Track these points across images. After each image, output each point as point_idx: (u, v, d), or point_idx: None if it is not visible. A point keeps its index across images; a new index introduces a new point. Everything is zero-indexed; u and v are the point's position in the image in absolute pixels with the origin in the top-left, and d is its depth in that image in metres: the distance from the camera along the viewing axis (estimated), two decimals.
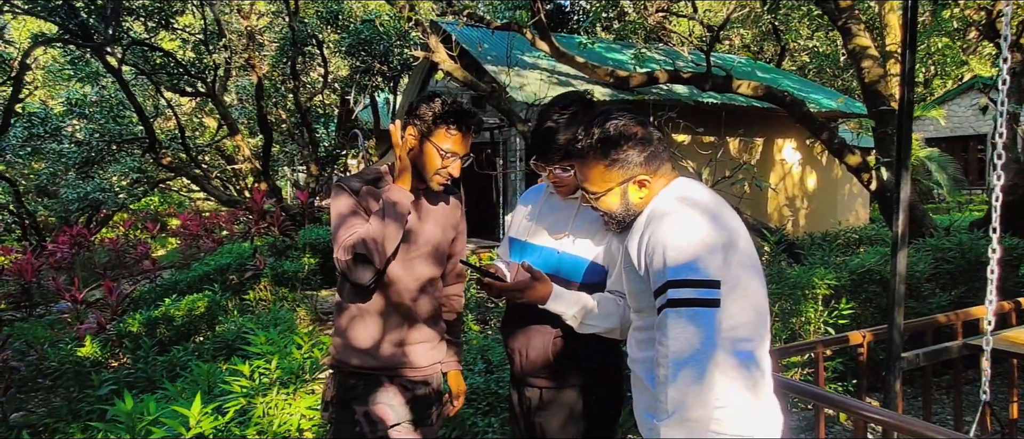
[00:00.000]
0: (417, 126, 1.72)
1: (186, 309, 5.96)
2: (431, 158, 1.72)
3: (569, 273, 1.66)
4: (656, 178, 1.44)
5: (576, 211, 1.70)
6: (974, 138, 18.57)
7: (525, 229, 1.80)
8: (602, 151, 1.42)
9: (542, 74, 8.79)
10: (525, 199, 1.88)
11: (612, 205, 1.45)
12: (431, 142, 1.71)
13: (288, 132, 14.42)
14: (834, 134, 6.64)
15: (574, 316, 1.59)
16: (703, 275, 1.26)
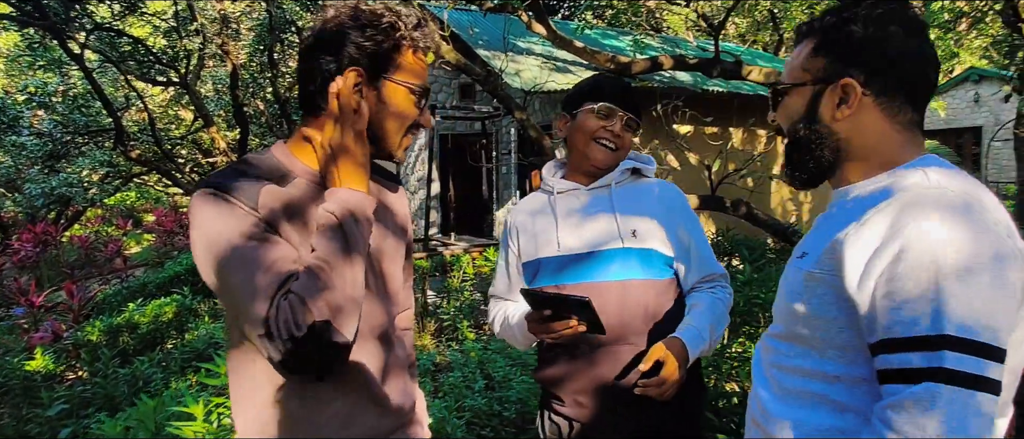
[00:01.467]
0: (357, 65, 1.01)
1: (152, 315, 5.51)
2: (397, 107, 1.05)
3: (645, 270, 1.40)
4: (875, 109, 0.92)
5: (613, 200, 1.45)
6: (969, 130, 18.47)
7: (549, 243, 1.45)
8: (821, 28, 0.96)
9: (538, 59, 8.32)
10: (521, 218, 1.53)
11: (792, 113, 0.98)
12: (391, 81, 1.04)
13: (267, 124, 13.81)
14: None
15: (707, 349, 1.36)
16: (996, 342, 0.77)
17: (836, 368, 0.89)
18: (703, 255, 1.44)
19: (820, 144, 0.96)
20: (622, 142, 1.43)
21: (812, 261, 0.93)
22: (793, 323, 0.95)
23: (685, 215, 1.46)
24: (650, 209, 1.42)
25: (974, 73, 17.72)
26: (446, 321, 5.38)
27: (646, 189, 1.47)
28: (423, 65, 1.08)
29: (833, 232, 0.90)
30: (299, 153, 1.07)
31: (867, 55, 0.91)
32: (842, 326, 0.88)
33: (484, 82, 6.16)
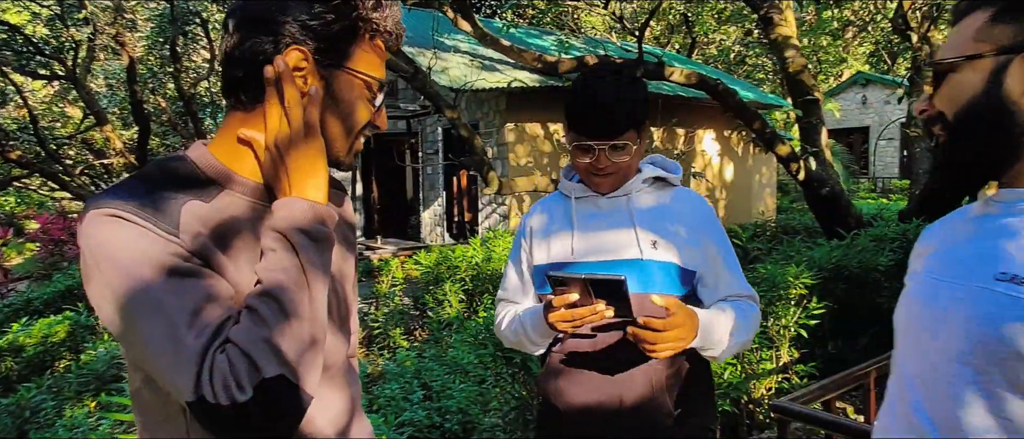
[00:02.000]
0: (310, 48, 0.82)
1: (40, 336, 4.92)
2: (348, 104, 0.87)
3: (663, 284, 1.29)
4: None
5: (632, 209, 1.34)
6: (858, 130, 20.03)
7: (563, 249, 1.35)
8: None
9: (465, 57, 8.19)
10: (538, 215, 1.44)
11: (963, 91, 0.77)
12: (343, 71, 0.85)
13: (169, 123, 12.84)
14: (765, 123, 6.55)
15: (720, 342, 1.24)
16: None
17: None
18: (731, 272, 1.34)
19: (1008, 130, 0.75)
20: (616, 166, 1.29)
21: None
22: (1006, 367, 0.71)
23: (712, 228, 1.35)
24: (673, 220, 1.33)
25: (862, 77, 19.26)
26: (376, 329, 5.16)
27: (672, 199, 1.37)
28: (381, 54, 0.89)
29: None
30: (226, 157, 0.84)
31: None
32: None
33: (412, 79, 5.97)
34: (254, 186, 0.84)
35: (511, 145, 8.24)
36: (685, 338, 1.15)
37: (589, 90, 1.26)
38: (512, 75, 7.75)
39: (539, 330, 1.28)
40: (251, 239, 0.81)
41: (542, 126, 8.45)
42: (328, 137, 0.85)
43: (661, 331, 1.12)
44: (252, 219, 0.83)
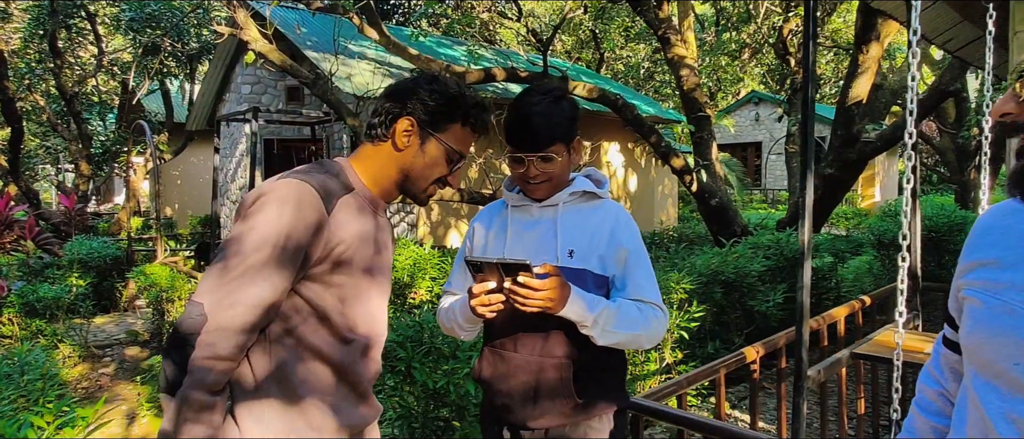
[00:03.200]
0: (416, 116, 1.22)
1: None
2: (435, 162, 1.25)
3: (582, 289, 1.41)
4: None
5: (558, 218, 1.47)
6: (752, 144, 21.45)
7: (497, 251, 1.52)
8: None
9: (371, 64, 8.09)
10: (481, 222, 1.62)
11: None
12: (438, 139, 1.24)
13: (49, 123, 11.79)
14: (661, 137, 6.90)
15: (596, 320, 1.35)
16: None
17: None
18: (638, 281, 1.44)
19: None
20: (546, 176, 1.43)
21: None
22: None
23: (627, 238, 1.45)
24: (593, 230, 1.45)
25: (755, 96, 20.70)
26: None
27: (595, 210, 1.48)
28: (470, 137, 1.28)
29: None
30: (361, 172, 1.26)
31: None
32: None
33: (312, 85, 5.83)
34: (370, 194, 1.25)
35: None
36: (553, 300, 1.27)
37: (520, 108, 1.41)
38: None
39: (465, 315, 1.43)
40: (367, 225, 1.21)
41: None
42: (412, 176, 1.25)
43: (533, 290, 1.25)
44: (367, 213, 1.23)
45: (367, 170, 1.24)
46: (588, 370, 1.42)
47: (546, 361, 1.41)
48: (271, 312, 1.05)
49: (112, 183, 16.74)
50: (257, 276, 1.02)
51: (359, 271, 1.18)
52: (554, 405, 1.41)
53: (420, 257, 5.64)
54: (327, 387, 1.15)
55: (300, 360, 1.12)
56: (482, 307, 1.32)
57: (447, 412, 2.63)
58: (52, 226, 9.47)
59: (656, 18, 7.52)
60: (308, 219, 1.07)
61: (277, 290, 1.05)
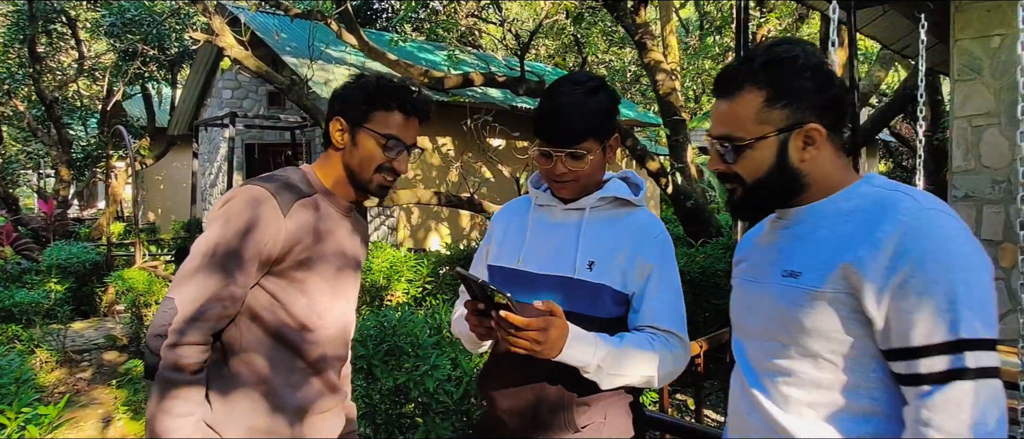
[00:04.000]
0: (343, 115, 1.32)
1: None
2: (369, 152, 1.31)
3: (589, 305, 1.27)
4: (827, 145, 1.02)
5: (584, 224, 1.32)
6: None
7: (514, 253, 1.37)
8: (766, 79, 1.00)
9: (350, 70, 8.15)
10: (503, 218, 1.47)
11: (759, 163, 1.02)
12: (366, 130, 1.31)
13: (29, 128, 11.74)
14: (636, 141, 7.03)
15: (599, 366, 1.20)
16: (996, 335, 0.90)
17: (855, 377, 0.96)
18: (657, 304, 1.28)
19: (790, 184, 1.03)
20: (574, 174, 1.29)
21: (815, 283, 0.98)
22: (799, 338, 0.99)
23: (656, 254, 1.30)
24: (619, 241, 1.30)
25: None
26: None
27: (625, 219, 1.34)
28: (398, 119, 1.31)
29: (830, 256, 0.97)
30: (321, 174, 1.37)
31: (820, 100, 1.00)
32: (858, 337, 0.95)
33: (288, 91, 5.89)
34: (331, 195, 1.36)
35: None
36: (540, 344, 1.14)
37: (551, 98, 1.28)
38: None
39: (468, 329, 1.30)
40: (328, 224, 1.32)
41: (430, 139, 8.56)
42: (353, 169, 1.32)
43: (519, 328, 1.12)
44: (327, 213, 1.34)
45: (325, 173, 1.34)
46: (594, 395, 1.28)
47: (548, 381, 1.29)
48: (230, 304, 1.17)
49: (95, 188, 16.64)
50: (215, 273, 1.14)
51: (319, 266, 1.27)
52: (554, 430, 1.29)
53: (396, 260, 5.71)
54: (261, 375, 1.24)
55: (237, 351, 1.23)
56: (476, 329, 1.22)
57: (411, 408, 2.71)
58: (32, 231, 9.44)
59: (633, 23, 7.64)
60: (262, 222, 1.18)
61: (233, 285, 1.16)
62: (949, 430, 0.87)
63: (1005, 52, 3.16)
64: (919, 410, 0.89)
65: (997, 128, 3.19)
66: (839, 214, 1.00)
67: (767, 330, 1.05)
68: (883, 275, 0.91)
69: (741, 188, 1.06)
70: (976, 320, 0.88)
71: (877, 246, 0.92)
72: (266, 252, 1.19)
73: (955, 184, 3.32)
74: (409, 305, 5.20)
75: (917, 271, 0.90)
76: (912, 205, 0.95)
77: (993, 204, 3.22)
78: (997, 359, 0.89)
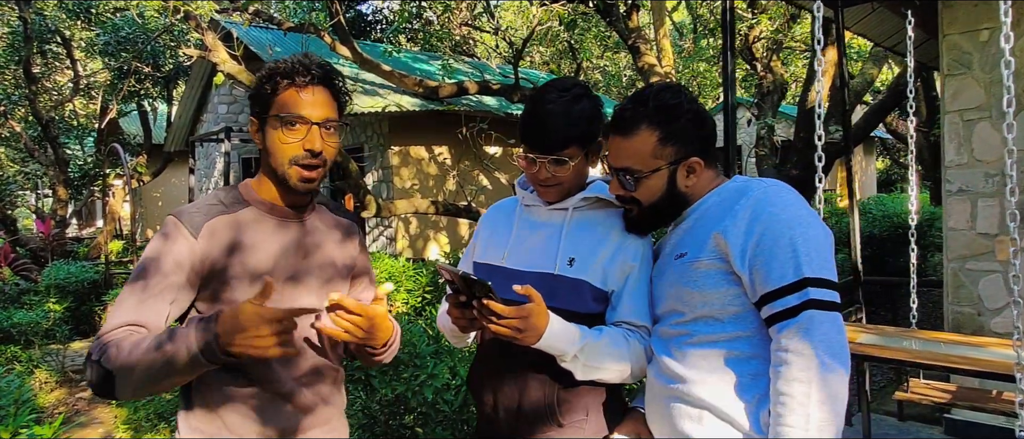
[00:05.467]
0: (253, 113, 1.26)
1: None
2: (278, 139, 1.20)
3: (570, 300, 1.32)
4: (705, 170, 1.28)
5: (566, 223, 1.38)
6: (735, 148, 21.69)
7: (499, 251, 1.42)
8: (658, 121, 1.24)
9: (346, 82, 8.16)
10: (490, 218, 1.53)
11: (655, 190, 1.27)
12: (269, 118, 1.21)
13: (26, 148, 11.74)
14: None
15: (576, 356, 1.25)
16: (835, 277, 1.14)
17: (735, 328, 1.20)
18: (634, 298, 1.33)
19: (677, 204, 1.30)
20: (557, 179, 1.33)
21: (696, 255, 1.23)
22: (691, 304, 1.23)
23: (635, 253, 1.35)
24: (601, 239, 1.35)
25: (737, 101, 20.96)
26: None
27: (606, 219, 1.38)
28: (293, 97, 1.19)
29: (705, 233, 1.23)
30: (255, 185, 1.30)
31: (698, 136, 1.27)
32: (734, 294, 1.19)
33: None
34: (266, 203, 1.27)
35: (395, 168, 8.29)
36: (521, 331, 1.18)
37: (535, 104, 1.32)
38: (392, 99, 7.83)
39: (449, 324, 1.33)
40: (264, 235, 1.25)
41: (426, 149, 8.58)
42: (271, 163, 1.23)
43: (500, 315, 1.16)
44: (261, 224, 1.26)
45: (259, 182, 1.28)
46: (576, 388, 1.31)
47: (530, 376, 1.32)
48: (141, 329, 1.13)
49: (92, 207, 16.64)
50: (127, 300, 1.14)
51: (252, 283, 1.19)
52: (538, 426, 1.32)
53: (396, 270, 5.71)
54: (245, 393, 1.19)
55: (215, 372, 1.14)
56: (458, 321, 1.25)
57: (410, 418, 2.71)
58: (29, 252, 9.43)
59: (626, 28, 7.68)
60: (171, 249, 1.16)
61: (145, 312, 1.13)
62: (801, 351, 1.08)
63: (994, 46, 3.17)
64: (779, 341, 1.12)
65: (988, 122, 3.20)
66: (713, 205, 1.27)
67: (670, 306, 1.28)
68: (743, 238, 1.16)
69: (638, 208, 1.30)
70: (814, 262, 1.12)
71: (736, 216, 1.19)
72: (182, 278, 1.16)
73: (949, 178, 3.33)
74: (409, 315, 5.19)
75: (767, 230, 1.15)
76: (761, 184, 1.23)
77: (987, 198, 3.22)
78: (837, 296, 1.12)
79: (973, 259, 3.28)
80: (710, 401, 1.19)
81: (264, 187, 1.26)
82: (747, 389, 1.18)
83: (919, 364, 2.49)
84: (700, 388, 1.20)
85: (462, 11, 8.89)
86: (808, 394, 1.06)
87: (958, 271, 3.33)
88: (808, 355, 1.07)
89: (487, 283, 1.14)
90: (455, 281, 1.19)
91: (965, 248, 3.30)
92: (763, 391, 1.16)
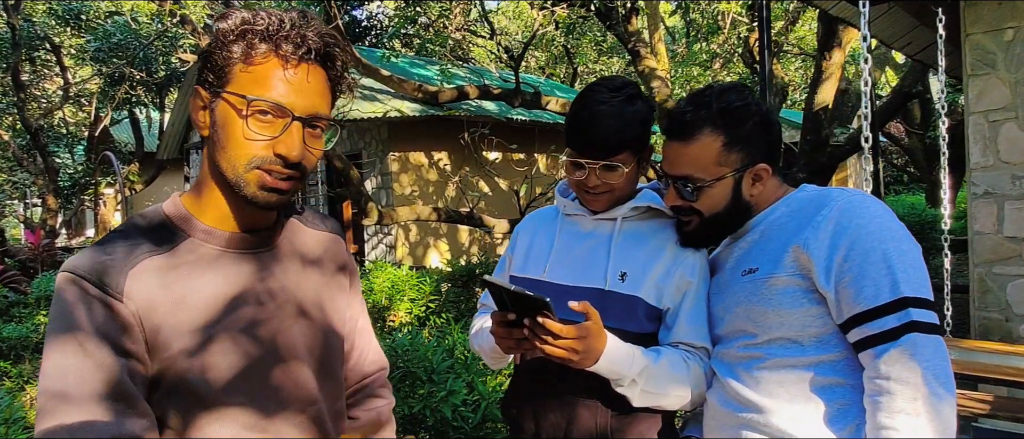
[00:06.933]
0: (201, 82, 0.83)
1: None
2: (232, 133, 0.81)
3: (621, 319, 1.20)
4: (771, 179, 1.18)
5: (616, 235, 1.26)
6: None
7: (539, 264, 1.30)
8: (723, 125, 1.13)
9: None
10: (527, 227, 1.40)
11: (718, 200, 1.16)
12: (228, 95, 0.80)
13: (15, 157, 11.53)
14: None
15: (635, 380, 1.14)
16: (932, 296, 1.02)
17: (817, 351, 1.08)
18: (693, 319, 1.23)
19: (742, 214, 1.19)
20: (607, 187, 1.22)
21: (771, 270, 1.11)
22: (765, 324, 1.11)
23: (692, 269, 1.24)
24: (654, 252, 1.24)
25: None
26: None
27: (659, 230, 1.28)
28: (275, 69, 0.80)
29: (781, 246, 1.12)
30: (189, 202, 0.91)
31: (764, 142, 1.17)
32: (816, 315, 1.07)
33: None
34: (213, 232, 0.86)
35: (395, 174, 8.17)
36: (577, 353, 1.07)
37: (585, 106, 1.20)
38: (391, 105, 7.73)
39: (491, 345, 1.23)
40: (203, 280, 0.84)
41: (426, 155, 8.46)
42: (220, 163, 0.82)
43: (557, 335, 1.06)
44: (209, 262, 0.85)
45: (197, 196, 0.87)
46: (630, 416, 1.21)
47: (580, 401, 1.22)
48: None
49: (83, 216, 16.39)
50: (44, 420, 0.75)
51: (218, 350, 0.82)
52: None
53: (397, 279, 5.59)
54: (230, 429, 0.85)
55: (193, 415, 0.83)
56: (501, 340, 1.13)
57: (426, 436, 2.59)
58: (19, 263, 9.23)
59: (625, 32, 7.62)
60: (79, 330, 0.76)
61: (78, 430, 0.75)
62: (906, 379, 0.96)
63: (1019, 45, 3.10)
64: (877, 367, 0.99)
65: (1015, 122, 3.13)
66: (783, 216, 1.16)
67: (736, 327, 1.16)
68: (827, 252, 1.05)
69: (698, 219, 1.18)
70: (912, 280, 1.01)
71: (818, 227, 1.07)
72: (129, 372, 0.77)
73: (974, 181, 3.25)
74: (413, 325, 5.06)
75: (855, 244, 1.03)
76: (843, 194, 1.12)
77: (1014, 200, 3.15)
78: (936, 317, 1.01)
79: (1000, 263, 3.20)
80: (792, 432, 1.06)
81: (208, 204, 0.86)
82: (835, 421, 1.05)
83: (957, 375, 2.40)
84: (779, 418, 1.07)
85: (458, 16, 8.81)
86: (916, 427, 0.95)
87: (985, 276, 3.25)
88: (915, 384, 0.95)
89: (546, 300, 1.02)
90: (505, 297, 1.06)
91: (991, 252, 3.22)
92: (855, 422, 1.04)
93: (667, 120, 1.19)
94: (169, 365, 0.80)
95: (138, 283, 0.79)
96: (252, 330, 0.85)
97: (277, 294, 0.88)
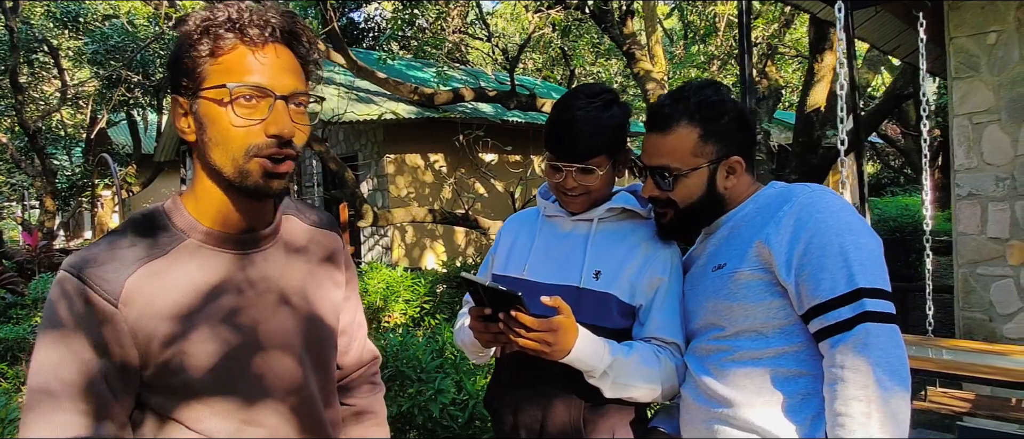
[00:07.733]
0: (176, 86, 0.86)
1: None
2: (224, 125, 0.82)
3: (596, 315, 1.25)
4: (744, 173, 1.22)
5: (592, 235, 1.31)
6: None
7: (520, 263, 1.36)
8: (699, 118, 1.17)
9: (339, 89, 8.09)
10: (510, 228, 1.46)
11: (693, 190, 1.20)
12: (206, 91, 0.82)
13: (13, 159, 11.56)
14: (630, 151, 7.00)
15: (606, 372, 1.18)
16: (889, 287, 1.06)
17: (781, 342, 1.13)
18: (663, 314, 1.27)
19: (717, 207, 1.23)
20: (584, 189, 1.27)
21: (736, 266, 1.15)
22: (733, 320, 1.16)
23: (665, 266, 1.28)
24: (628, 251, 1.29)
25: None
26: None
27: (634, 230, 1.32)
28: (242, 57, 0.82)
29: (746, 242, 1.16)
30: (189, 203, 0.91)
31: (739, 137, 1.20)
32: (779, 307, 1.12)
33: None
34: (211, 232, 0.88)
35: (391, 176, 8.20)
36: (549, 345, 1.12)
37: (563, 111, 1.26)
38: (388, 107, 7.76)
39: (472, 340, 1.28)
40: (201, 278, 0.86)
41: (422, 157, 8.50)
42: (213, 160, 0.85)
43: (529, 328, 1.11)
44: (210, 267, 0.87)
45: (196, 198, 0.89)
46: (603, 408, 1.26)
47: (554, 396, 1.26)
48: None
49: (81, 218, 16.42)
50: (30, 425, 0.79)
51: (211, 355, 0.84)
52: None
53: (392, 280, 5.62)
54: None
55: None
56: (479, 334, 1.19)
57: (415, 435, 2.62)
58: (16, 264, 9.25)
59: (621, 34, 7.65)
60: (76, 335, 0.79)
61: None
62: (856, 367, 1.00)
63: (1002, 48, 3.14)
64: (833, 357, 1.04)
65: (998, 125, 3.17)
66: (751, 212, 1.20)
67: (707, 321, 1.21)
68: (787, 246, 1.09)
69: (673, 212, 1.23)
70: (868, 271, 1.04)
71: (779, 223, 1.11)
72: (106, 377, 0.80)
73: (958, 182, 3.29)
74: (407, 326, 5.10)
75: (814, 237, 1.07)
76: (805, 189, 1.16)
77: (997, 201, 3.18)
78: (893, 307, 1.04)
79: (984, 264, 3.24)
80: (760, 424, 1.11)
81: (206, 204, 0.88)
82: (798, 411, 1.10)
83: (940, 374, 2.44)
84: (748, 411, 1.13)
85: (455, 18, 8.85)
86: (868, 414, 0.98)
87: (969, 276, 3.29)
88: (865, 372, 0.99)
89: (517, 294, 1.08)
90: (480, 292, 1.12)
91: (975, 253, 3.26)
92: (815, 412, 1.09)
93: (647, 114, 1.26)
94: (155, 357, 0.82)
95: (135, 285, 0.81)
96: (231, 319, 0.86)
97: (257, 283, 0.89)
